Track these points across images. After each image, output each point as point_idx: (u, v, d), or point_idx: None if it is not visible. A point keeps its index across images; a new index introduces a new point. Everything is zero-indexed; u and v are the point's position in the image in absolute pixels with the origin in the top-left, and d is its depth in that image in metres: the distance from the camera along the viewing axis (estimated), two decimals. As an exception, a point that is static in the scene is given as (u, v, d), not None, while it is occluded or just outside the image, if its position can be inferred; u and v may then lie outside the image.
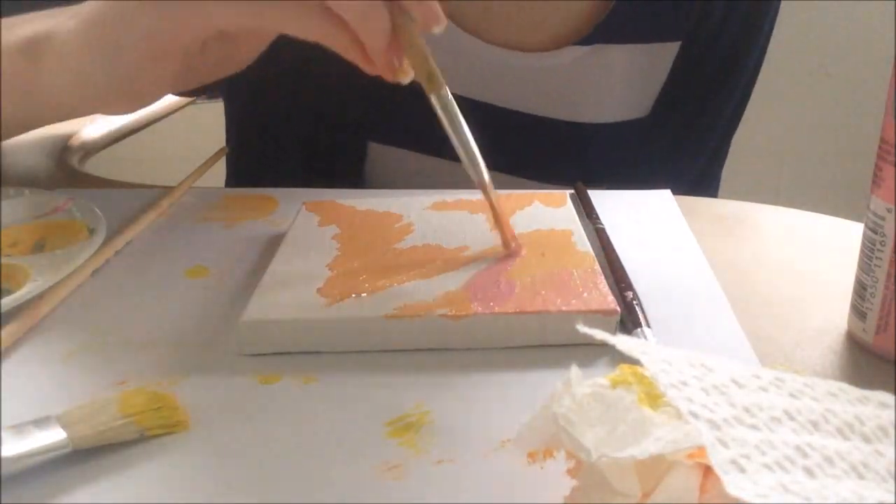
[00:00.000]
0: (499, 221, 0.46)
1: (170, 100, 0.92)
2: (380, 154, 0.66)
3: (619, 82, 0.67)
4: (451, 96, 0.45)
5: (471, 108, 0.65)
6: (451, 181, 0.66)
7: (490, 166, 0.67)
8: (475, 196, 0.54)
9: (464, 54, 0.64)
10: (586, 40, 0.64)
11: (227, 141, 0.75)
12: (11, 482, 0.32)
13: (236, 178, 0.75)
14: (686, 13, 0.66)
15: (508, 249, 0.46)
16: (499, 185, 0.64)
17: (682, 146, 0.71)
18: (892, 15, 1.64)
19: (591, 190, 0.56)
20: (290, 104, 0.66)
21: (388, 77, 0.45)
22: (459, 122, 0.45)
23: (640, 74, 0.67)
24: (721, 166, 0.77)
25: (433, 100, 0.45)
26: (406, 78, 0.45)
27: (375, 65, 0.44)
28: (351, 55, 0.44)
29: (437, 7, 0.43)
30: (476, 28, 0.64)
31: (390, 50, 0.43)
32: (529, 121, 0.66)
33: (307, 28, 0.43)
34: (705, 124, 0.72)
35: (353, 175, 0.67)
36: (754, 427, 0.22)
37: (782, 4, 0.72)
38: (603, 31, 0.64)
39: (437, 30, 0.44)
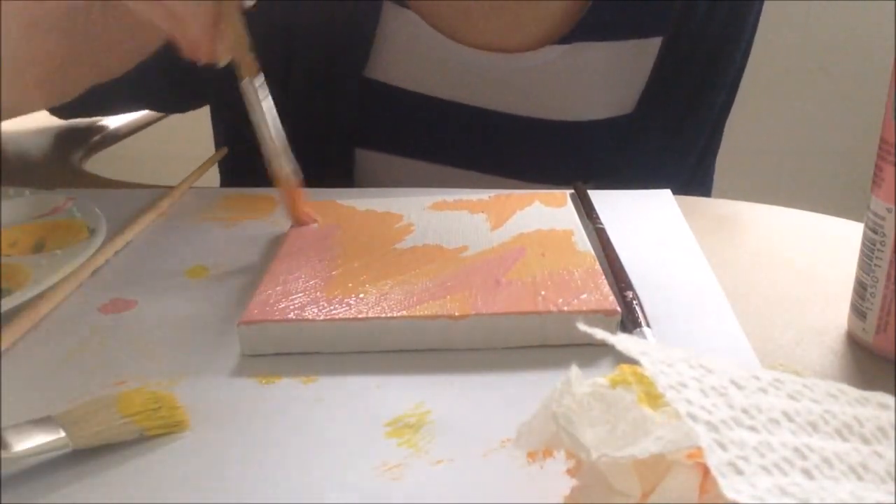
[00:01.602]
0: (287, 199, 0.50)
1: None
2: (368, 160, 0.66)
3: (601, 79, 0.67)
4: (263, 86, 0.48)
5: (456, 111, 0.66)
6: (439, 184, 0.66)
7: (480, 169, 0.68)
8: (475, 196, 0.54)
9: (444, 58, 0.64)
10: (565, 39, 0.64)
11: (216, 148, 0.75)
12: (11, 482, 0.32)
13: (228, 184, 0.75)
14: (667, 9, 0.66)
15: (300, 223, 0.50)
16: (490, 186, 0.65)
17: (672, 141, 0.71)
18: (892, 15, 1.64)
19: (589, 189, 0.56)
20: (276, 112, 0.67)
21: (205, 59, 0.47)
22: (262, 113, 0.48)
23: (623, 71, 0.67)
24: (713, 160, 0.77)
25: (242, 86, 0.48)
26: (222, 62, 0.47)
27: (193, 49, 0.46)
28: (176, 37, 0.46)
29: None
30: (455, 31, 0.64)
31: (212, 35, 0.46)
32: (515, 121, 0.66)
33: (135, 6, 0.45)
34: (694, 119, 0.71)
35: (342, 182, 0.67)
36: (753, 429, 0.22)
37: (782, 4, 0.71)
38: (582, 30, 0.64)
39: (248, 2, 0.46)
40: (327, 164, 0.67)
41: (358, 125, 0.66)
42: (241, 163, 0.73)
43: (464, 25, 0.64)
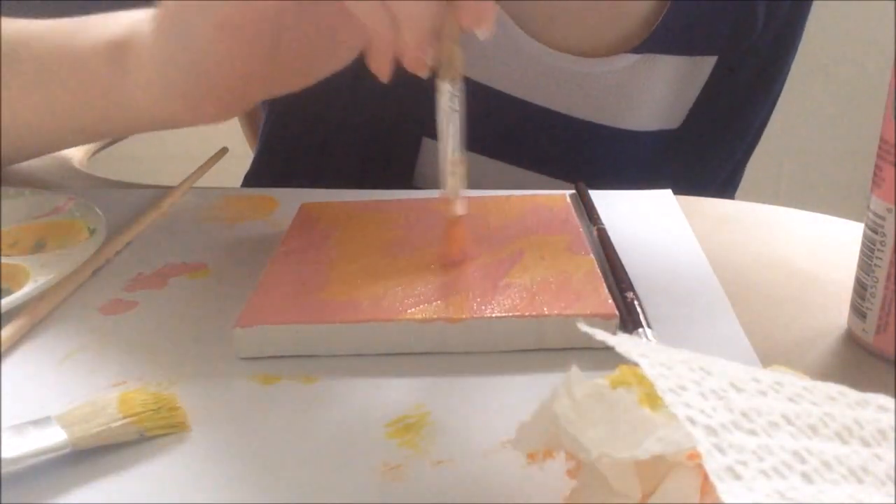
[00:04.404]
0: (447, 229, 0.45)
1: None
2: (432, 150, 0.67)
3: (662, 92, 0.68)
4: (462, 93, 0.43)
5: (523, 109, 0.66)
6: (500, 182, 0.66)
7: (532, 168, 0.68)
8: (478, 197, 0.54)
9: (524, 57, 0.65)
10: (639, 49, 0.66)
11: (263, 129, 0.74)
12: (11, 482, 0.32)
13: (262, 168, 0.75)
14: (727, 28, 0.67)
15: (450, 260, 0.45)
16: (526, 182, 0.65)
17: (709, 158, 0.73)
18: (892, 15, 1.64)
19: (597, 190, 0.57)
20: (347, 97, 0.66)
21: (413, 69, 0.43)
22: (449, 123, 0.43)
23: (680, 86, 0.69)
24: (740, 178, 0.78)
25: (441, 86, 0.42)
26: (425, 73, 0.43)
27: (388, 62, 0.43)
28: (380, 45, 0.43)
29: (492, 10, 0.40)
30: (540, 32, 0.65)
31: (426, 45, 0.41)
32: (577, 125, 0.68)
33: (359, 6, 0.41)
34: (733, 138, 0.73)
35: (404, 170, 0.67)
36: (752, 432, 0.22)
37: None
38: (654, 41, 0.66)
39: (483, 34, 0.41)
40: (393, 150, 0.67)
41: (430, 115, 0.66)
42: (278, 161, 0.73)
43: (549, 27, 0.65)
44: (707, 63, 0.68)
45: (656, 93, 0.68)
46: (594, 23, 0.66)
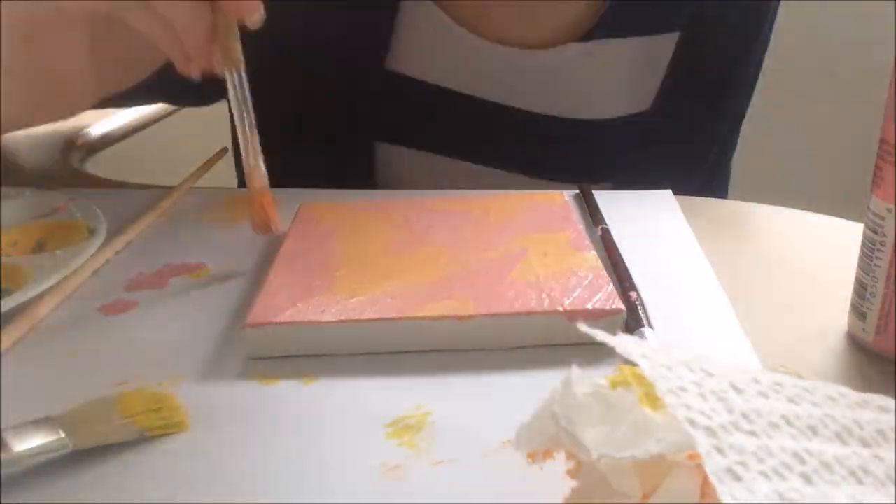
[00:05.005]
0: (255, 202, 0.48)
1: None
2: (388, 154, 0.66)
3: (620, 76, 0.66)
4: (245, 79, 0.45)
5: (474, 106, 0.66)
6: (457, 180, 0.66)
7: (498, 165, 0.67)
8: (477, 196, 0.54)
9: (465, 52, 0.64)
10: (585, 37, 0.64)
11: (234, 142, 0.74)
12: (11, 482, 0.32)
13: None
14: (682, 4, 0.65)
15: (263, 230, 0.48)
16: (507, 183, 0.64)
17: (689, 141, 0.71)
18: (892, 15, 1.64)
19: (598, 189, 0.56)
20: (294, 104, 0.66)
21: (208, 67, 0.45)
22: (244, 106, 0.46)
23: (641, 67, 0.67)
24: (729, 162, 0.77)
25: (227, 77, 0.45)
26: (221, 69, 0.46)
27: (191, 62, 0.45)
28: (171, 52, 0.45)
29: (254, 3, 0.43)
30: (475, 24, 0.64)
31: (209, 45, 0.44)
32: (533, 119, 0.66)
33: (136, 20, 0.44)
34: (710, 118, 0.71)
35: (362, 177, 0.67)
36: (752, 433, 0.22)
37: (783, 5, 0.71)
38: (602, 28, 0.64)
39: (252, 22, 0.44)
40: (348, 158, 0.67)
41: (379, 118, 0.66)
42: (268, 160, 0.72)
43: (483, 19, 0.64)
44: (668, 41, 0.66)
45: (615, 77, 0.66)
46: (532, 14, 0.64)
